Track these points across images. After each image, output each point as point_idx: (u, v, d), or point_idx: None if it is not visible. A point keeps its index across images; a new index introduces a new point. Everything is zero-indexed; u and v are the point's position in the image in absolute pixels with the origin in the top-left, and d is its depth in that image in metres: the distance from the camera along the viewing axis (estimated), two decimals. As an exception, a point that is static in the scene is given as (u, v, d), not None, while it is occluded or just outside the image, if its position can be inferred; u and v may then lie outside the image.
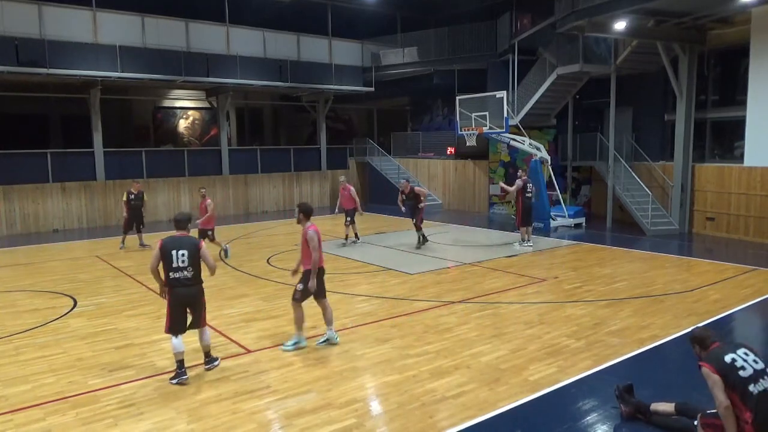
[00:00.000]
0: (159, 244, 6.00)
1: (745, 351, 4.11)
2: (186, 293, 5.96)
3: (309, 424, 4.95)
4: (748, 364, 4.02)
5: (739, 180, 14.32)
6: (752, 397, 3.92)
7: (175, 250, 5.91)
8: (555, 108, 19.17)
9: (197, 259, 6.00)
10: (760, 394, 3.93)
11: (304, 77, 21.15)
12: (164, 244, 5.97)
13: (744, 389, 3.95)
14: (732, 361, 4.03)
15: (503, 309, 8.44)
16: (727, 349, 4.15)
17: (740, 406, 3.97)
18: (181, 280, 5.92)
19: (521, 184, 13.19)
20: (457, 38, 21.14)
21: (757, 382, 3.97)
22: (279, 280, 10.39)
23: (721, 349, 4.18)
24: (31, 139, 19.96)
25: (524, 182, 13.24)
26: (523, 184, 13.20)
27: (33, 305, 9.00)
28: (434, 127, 25.34)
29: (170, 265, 5.90)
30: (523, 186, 13.19)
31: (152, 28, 18.11)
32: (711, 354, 4.21)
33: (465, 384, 5.74)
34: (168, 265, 5.91)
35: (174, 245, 5.96)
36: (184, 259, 5.91)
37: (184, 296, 5.97)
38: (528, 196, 13.22)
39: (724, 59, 15.53)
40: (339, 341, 6.95)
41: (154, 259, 5.97)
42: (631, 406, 4.99)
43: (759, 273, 10.60)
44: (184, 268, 5.91)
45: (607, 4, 12.76)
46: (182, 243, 6.00)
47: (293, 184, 23.08)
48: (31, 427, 4.99)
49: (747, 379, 3.96)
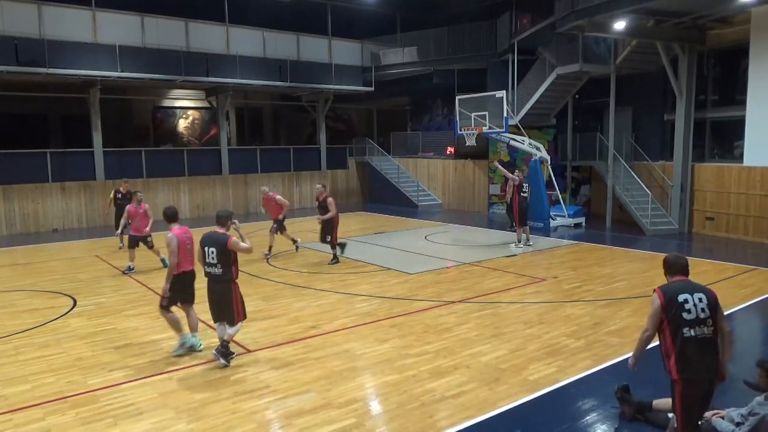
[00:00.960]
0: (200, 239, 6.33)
1: (701, 297, 4.06)
2: (214, 289, 6.30)
3: (309, 424, 4.96)
4: (696, 309, 4.00)
5: (738, 180, 14.33)
6: (681, 338, 3.98)
7: (207, 247, 6.25)
8: (555, 108, 19.17)
9: (226, 257, 6.21)
10: (689, 338, 3.96)
11: (303, 77, 21.14)
12: (202, 239, 6.32)
13: (678, 329, 3.99)
14: (683, 301, 4.03)
15: (503, 309, 8.44)
16: (686, 289, 4.11)
17: (670, 343, 4.04)
18: (212, 275, 6.27)
19: (518, 180, 13.20)
20: (457, 38, 21.14)
21: (693, 328, 3.98)
22: (278, 279, 10.39)
23: (682, 285, 4.15)
24: (30, 138, 19.94)
25: (521, 180, 13.26)
26: (519, 181, 13.22)
27: (32, 305, 9.00)
28: (434, 126, 25.34)
29: (204, 260, 6.29)
30: (519, 184, 13.20)
31: (152, 28, 18.09)
32: (671, 284, 4.22)
33: (464, 384, 5.74)
34: (203, 260, 6.30)
35: (207, 242, 6.28)
36: (213, 256, 6.20)
37: (211, 291, 6.33)
38: (524, 195, 13.24)
39: (723, 59, 15.53)
40: (203, 348, 6.73)
41: (198, 253, 6.40)
42: (632, 407, 4.99)
43: (759, 272, 10.60)
44: (214, 264, 6.23)
45: (607, 4, 12.76)
46: (213, 240, 6.25)
47: (293, 183, 23.07)
48: (31, 426, 4.99)
49: (686, 321, 3.98)
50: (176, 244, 6.47)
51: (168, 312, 6.64)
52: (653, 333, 4.14)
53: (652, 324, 4.11)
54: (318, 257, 12.56)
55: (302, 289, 9.70)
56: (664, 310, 4.05)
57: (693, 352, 3.97)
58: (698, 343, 3.98)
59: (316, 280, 10.41)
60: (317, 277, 10.60)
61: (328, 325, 7.73)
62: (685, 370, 3.98)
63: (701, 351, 3.98)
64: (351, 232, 16.46)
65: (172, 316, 6.68)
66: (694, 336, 3.97)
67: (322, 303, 8.84)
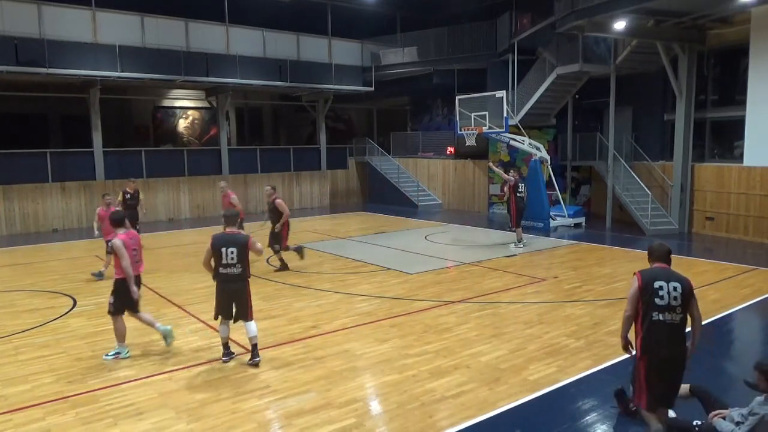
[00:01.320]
0: (210, 240, 6.24)
1: (676, 286, 4.30)
2: (233, 288, 6.25)
3: (308, 424, 4.96)
4: (669, 297, 4.26)
5: (738, 180, 14.33)
6: (648, 321, 4.27)
7: (225, 248, 6.15)
8: (555, 108, 19.17)
9: (245, 256, 6.23)
10: (655, 322, 4.24)
11: (303, 77, 21.14)
12: (214, 240, 6.21)
13: (648, 312, 4.27)
14: (658, 288, 4.30)
15: (503, 309, 8.44)
16: (662, 276, 4.37)
17: (639, 324, 4.38)
18: (230, 275, 6.20)
19: (513, 180, 13.20)
20: (457, 38, 21.14)
21: (662, 313, 4.25)
22: (278, 279, 10.39)
23: (660, 272, 4.42)
24: (30, 138, 19.95)
25: (516, 180, 13.25)
26: (515, 181, 13.21)
27: (32, 305, 9.00)
28: (434, 126, 25.34)
29: (219, 261, 6.17)
30: (515, 184, 13.19)
31: (152, 28, 18.10)
32: (651, 270, 4.49)
33: (464, 384, 5.74)
34: (218, 261, 6.18)
35: (223, 242, 6.19)
36: (233, 256, 6.15)
37: (230, 291, 6.26)
38: (520, 195, 13.26)
39: (723, 59, 15.54)
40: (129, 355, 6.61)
41: (207, 254, 6.25)
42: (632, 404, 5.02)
43: (758, 272, 10.60)
44: (233, 264, 6.17)
45: (607, 4, 12.76)
46: (232, 240, 6.21)
47: (293, 183, 23.07)
48: (31, 426, 4.99)
49: (657, 306, 4.26)
50: (124, 247, 6.41)
51: (119, 319, 6.59)
52: (632, 314, 4.41)
53: (630, 306, 4.41)
54: (318, 257, 12.57)
55: (302, 289, 9.70)
56: (640, 293, 4.33)
57: (658, 336, 4.26)
58: (664, 328, 4.26)
59: (316, 280, 10.41)
60: (317, 277, 10.60)
61: (328, 325, 7.73)
62: (648, 351, 4.27)
63: (666, 335, 4.25)
64: (351, 232, 16.47)
65: (123, 324, 6.62)
66: (662, 321, 4.26)
67: (322, 303, 8.84)
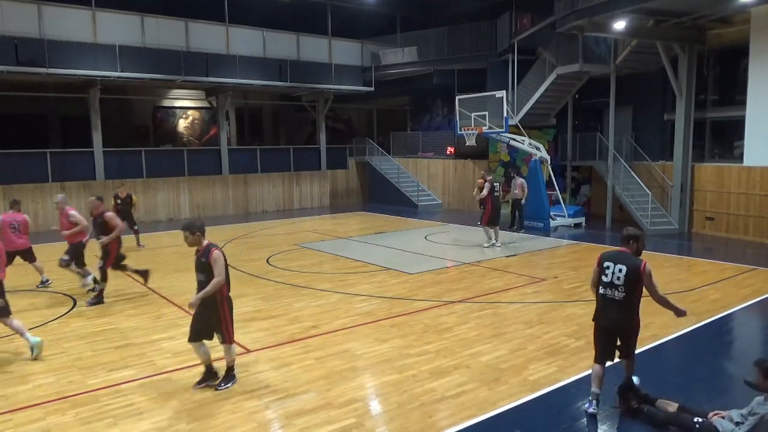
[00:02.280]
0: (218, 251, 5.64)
1: (621, 268, 5.01)
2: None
3: (308, 424, 4.95)
4: (612, 276, 5.06)
5: (738, 180, 14.33)
6: (599, 293, 5.21)
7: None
8: (555, 108, 19.17)
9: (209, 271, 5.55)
10: (601, 295, 5.18)
11: (303, 77, 21.14)
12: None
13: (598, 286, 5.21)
14: (606, 267, 5.12)
15: (503, 309, 8.44)
16: (614, 258, 5.12)
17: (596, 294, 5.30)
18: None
19: (489, 186, 13.25)
20: (457, 38, 21.14)
21: (605, 288, 5.12)
22: (279, 279, 10.40)
23: (612, 255, 5.18)
24: (30, 138, 19.93)
25: (491, 184, 13.31)
26: (491, 186, 13.28)
27: (33, 305, 9.01)
28: (434, 126, 25.34)
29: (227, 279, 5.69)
30: (491, 188, 13.28)
31: (152, 28, 18.09)
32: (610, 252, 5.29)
33: (464, 384, 5.74)
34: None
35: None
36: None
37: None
38: (496, 195, 13.36)
39: (723, 59, 15.54)
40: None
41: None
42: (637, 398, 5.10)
43: (758, 272, 10.60)
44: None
45: (607, 4, 12.76)
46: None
47: (293, 183, 23.07)
48: (31, 426, 4.99)
49: (602, 282, 5.15)
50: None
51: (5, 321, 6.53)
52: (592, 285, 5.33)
53: (593, 279, 5.31)
54: (318, 257, 12.57)
55: (302, 289, 9.70)
56: (597, 269, 5.20)
57: (601, 306, 5.19)
58: (606, 301, 5.13)
59: (316, 280, 10.41)
60: (317, 277, 10.60)
61: (328, 325, 7.73)
62: (595, 317, 5.28)
63: (607, 307, 5.13)
64: (351, 232, 16.47)
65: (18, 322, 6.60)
66: (604, 294, 5.14)
67: (322, 303, 8.84)
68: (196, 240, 5.68)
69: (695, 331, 7.31)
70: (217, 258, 5.52)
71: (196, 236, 5.66)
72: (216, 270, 5.50)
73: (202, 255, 5.60)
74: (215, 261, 5.51)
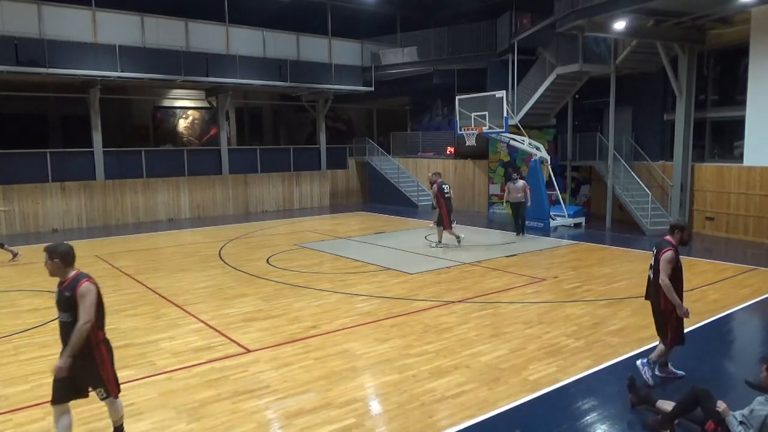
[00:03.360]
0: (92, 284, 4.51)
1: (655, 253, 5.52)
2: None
3: (308, 424, 4.95)
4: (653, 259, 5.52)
5: (738, 180, 14.33)
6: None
7: None
8: (555, 108, 19.17)
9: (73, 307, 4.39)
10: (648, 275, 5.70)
11: (303, 77, 21.13)
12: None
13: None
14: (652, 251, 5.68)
15: (503, 309, 8.44)
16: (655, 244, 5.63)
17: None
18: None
19: (436, 188, 13.13)
20: (457, 38, 21.14)
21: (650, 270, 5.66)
22: (279, 279, 10.39)
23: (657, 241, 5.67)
24: (30, 138, 19.94)
25: (438, 184, 13.16)
26: (438, 187, 13.13)
27: (33, 305, 8.99)
28: (434, 126, 25.34)
29: None
30: (439, 188, 13.12)
31: (152, 28, 18.09)
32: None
33: (464, 384, 5.74)
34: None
35: None
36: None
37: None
38: (447, 196, 13.21)
39: (723, 59, 15.54)
40: None
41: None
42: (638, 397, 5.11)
43: (758, 272, 10.60)
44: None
45: (607, 4, 12.75)
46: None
47: (293, 183, 23.07)
48: (31, 426, 4.99)
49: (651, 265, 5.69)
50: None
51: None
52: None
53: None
54: (318, 257, 12.58)
55: (302, 289, 9.70)
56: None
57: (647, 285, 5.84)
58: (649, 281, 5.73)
59: (316, 280, 10.41)
60: (317, 277, 10.60)
61: (328, 325, 7.73)
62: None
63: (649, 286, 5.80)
64: (351, 232, 16.47)
65: None
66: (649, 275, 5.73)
67: (322, 303, 8.84)
68: (56, 268, 4.42)
69: (695, 331, 7.30)
70: (85, 293, 4.27)
71: (55, 263, 4.40)
72: (81, 310, 4.24)
73: (66, 288, 4.36)
74: (82, 297, 4.26)
